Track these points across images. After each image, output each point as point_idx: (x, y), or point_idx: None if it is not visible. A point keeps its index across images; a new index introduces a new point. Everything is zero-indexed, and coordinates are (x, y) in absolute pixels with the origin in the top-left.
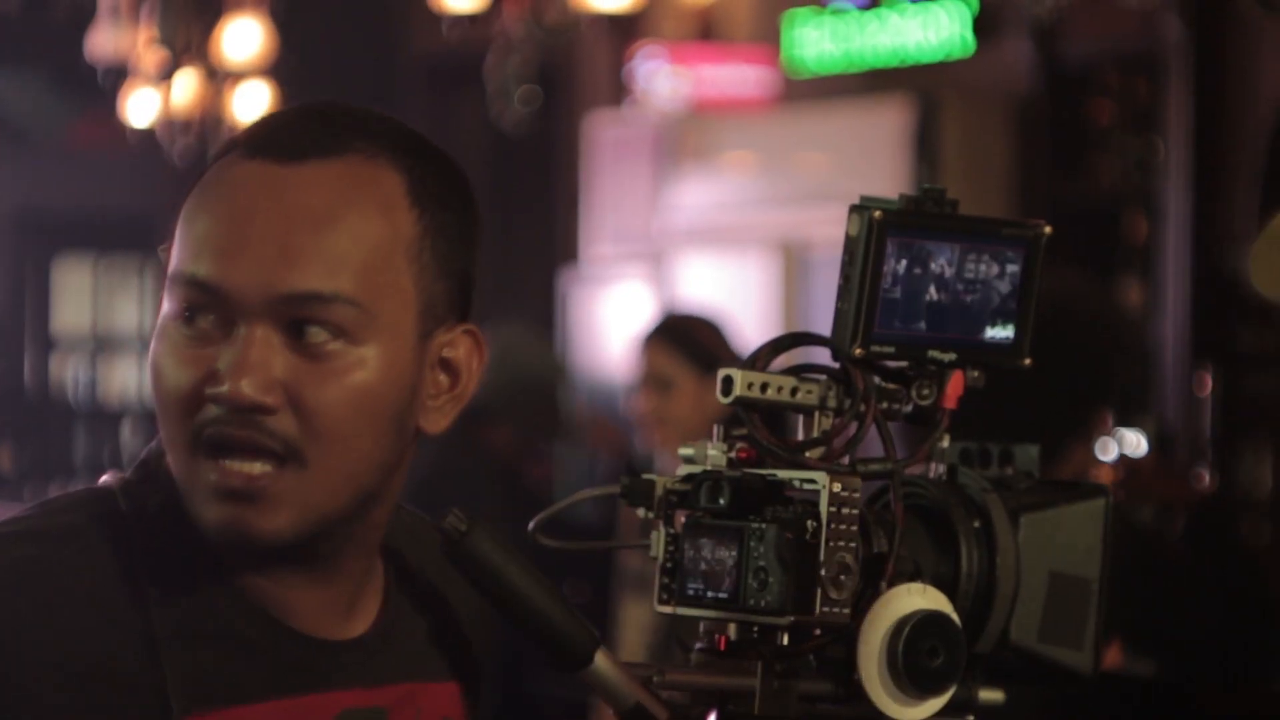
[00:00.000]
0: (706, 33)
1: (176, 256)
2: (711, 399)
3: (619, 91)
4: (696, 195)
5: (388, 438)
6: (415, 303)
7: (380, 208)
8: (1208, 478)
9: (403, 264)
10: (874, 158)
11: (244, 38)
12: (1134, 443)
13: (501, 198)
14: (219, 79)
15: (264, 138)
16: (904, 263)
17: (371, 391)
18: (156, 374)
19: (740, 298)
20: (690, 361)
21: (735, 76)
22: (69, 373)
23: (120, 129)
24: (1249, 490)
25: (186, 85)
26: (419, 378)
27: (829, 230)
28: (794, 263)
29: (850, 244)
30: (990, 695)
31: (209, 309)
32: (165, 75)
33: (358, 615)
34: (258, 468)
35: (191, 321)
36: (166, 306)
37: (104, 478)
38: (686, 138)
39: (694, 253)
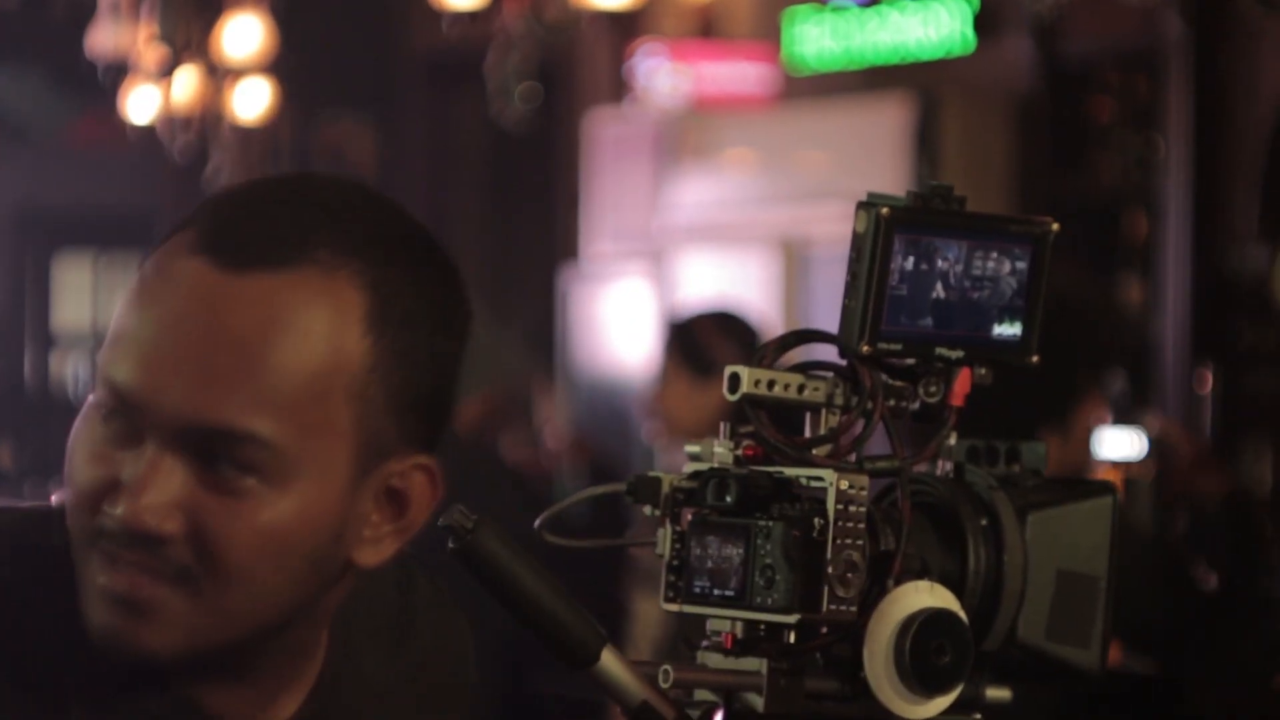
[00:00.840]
0: (707, 30)
1: (108, 341)
2: (702, 399)
3: (619, 89)
4: (697, 193)
5: (301, 578)
6: (352, 441)
7: (326, 335)
8: None
9: (340, 401)
10: (874, 155)
11: (244, 34)
12: (1133, 442)
13: (501, 196)
14: (219, 76)
15: (217, 230)
16: (911, 259)
17: (282, 534)
18: (69, 457)
19: (741, 295)
20: (683, 363)
21: (735, 74)
22: (69, 370)
23: (120, 126)
24: (1249, 488)
25: (187, 82)
26: (351, 514)
27: (829, 228)
28: (794, 260)
29: (858, 241)
30: (997, 693)
31: (123, 415)
32: (165, 72)
33: (283, 701)
34: (147, 580)
35: (107, 421)
36: (94, 392)
37: (54, 496)
38: (687, 135)
39: (694, 250)
